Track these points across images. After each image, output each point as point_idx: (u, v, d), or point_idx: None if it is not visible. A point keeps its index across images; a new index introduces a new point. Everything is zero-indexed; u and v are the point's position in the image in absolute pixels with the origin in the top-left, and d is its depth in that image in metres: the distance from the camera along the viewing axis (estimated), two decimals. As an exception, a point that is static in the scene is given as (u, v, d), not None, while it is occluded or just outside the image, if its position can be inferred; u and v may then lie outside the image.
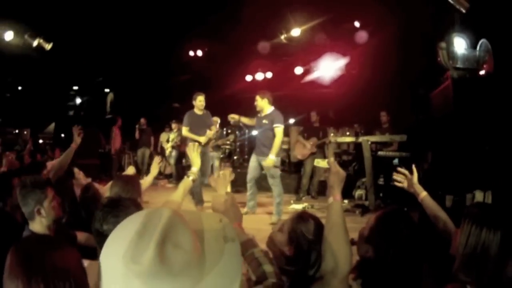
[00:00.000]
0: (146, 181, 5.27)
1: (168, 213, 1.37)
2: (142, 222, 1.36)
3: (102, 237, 2.46)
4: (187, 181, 3.83)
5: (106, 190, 4.72)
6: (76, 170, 5.38)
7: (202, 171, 9.71)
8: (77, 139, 5.23)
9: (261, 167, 9.31)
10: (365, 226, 2.63)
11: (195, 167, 3.94)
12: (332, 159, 2.84)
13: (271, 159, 8.84)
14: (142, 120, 17.22)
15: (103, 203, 2.68)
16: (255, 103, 9.35)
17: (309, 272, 2.54)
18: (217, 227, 1.49)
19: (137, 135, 17.20)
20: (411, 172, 3.53)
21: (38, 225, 3.49)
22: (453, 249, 2.65)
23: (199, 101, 10.33)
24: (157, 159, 5.37)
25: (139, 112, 17.81)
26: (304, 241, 2.58)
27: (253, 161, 9.43)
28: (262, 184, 10.29)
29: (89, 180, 5.27)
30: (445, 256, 2.45)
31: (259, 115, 9.43)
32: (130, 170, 5.27)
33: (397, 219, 2.44)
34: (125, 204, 2.58)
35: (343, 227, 2.42)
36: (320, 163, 3.26)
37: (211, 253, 1.38)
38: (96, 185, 4.82)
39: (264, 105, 9.29)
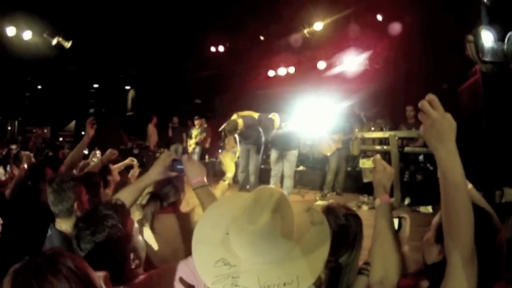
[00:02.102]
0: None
1: (279, 192, 1.76)
2: (255, 195, 1.74)
3: (81, 254, 2.24)
4: (223, 185, 3.85)
5: None
6: (112, 166, 5.37)
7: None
8: (90, 132, 5.14)
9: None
10: (430, 228, 2.43)
11: (230, 173, 3.95)
12: (378, 156, 2.65)
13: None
14: (175, 119, 17.60)
15: (77, 218, 2.49)
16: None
17: (341, 260, 2.48)
18: (303, 213, 1.90)
19: (170, 132, 17.59)
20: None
21: (70, 223, 3.34)
22: (499, 247, 2.53)
23: None
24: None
25: (161, 108, 17.89)
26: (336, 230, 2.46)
27: (276, 156, 9.79)
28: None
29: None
30: (491, 252, 2.32)
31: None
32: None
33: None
34: (103, 217, 2.27)
35: (391, 233, 2.26)
36: (366, 163, 3.09)
37: (299, 231, 1.78)
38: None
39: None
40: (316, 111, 9.76)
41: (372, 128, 13.35)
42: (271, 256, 1.66)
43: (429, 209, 8.88)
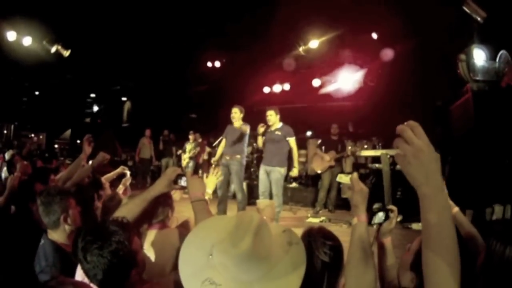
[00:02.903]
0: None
1: (258, 217, 1.90)
2: (236, 221, 1.89)
3: (86, 266, 2.34)
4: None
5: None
6: (104, 180, 5.39)
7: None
8: (87, 149, 5.19)
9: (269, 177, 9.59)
10: (406, 253, 2.42)
11: (209, 189, 3.97)
12: (355, 174, 2.65)
13: (296, 169, 9.79)
14: (165, 132, 17.75)
15: (84, 231, 2.55)
16: (268, 117, 9.53)
17: None
18: (281, 234, 2.04)
19: (160, 145, 17.70)
20: None
21: (60, 233, 3.47)
22: (478, 268, 2.56)
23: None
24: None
25: (156, 121, 17.95)
26: (318, 261, 2.48)
27: (262, 173, 9.63)
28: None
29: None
30: (473, 274, 2.34)
31: (272, 129, 9.56)
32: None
33: None
34: (111, 233, 2.36)
35: (367, 251, 2.25)
36: (343, 178, 3.13)
37: (277, 252, 1.91)
38: (121, 194, 4.84)
39: (276, 120, 9.54)
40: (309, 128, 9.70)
41: (366, 146, 13.43)
42: (253, 275, 1.78)
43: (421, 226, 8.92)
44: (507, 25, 8.11)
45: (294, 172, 9.84)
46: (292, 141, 9.53)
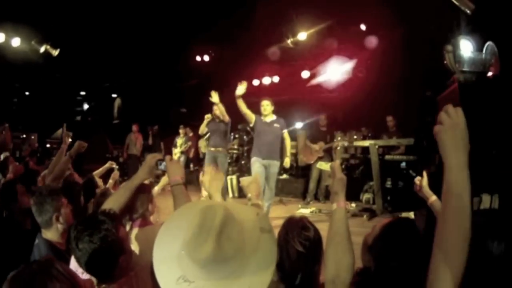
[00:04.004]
0: (153, 191, 5.31)
1: (222, 211, 1.79)
2: (199, 218, 1.78)
3: (78, 253, 2.51)
4: (164, 180, 3.95)
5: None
6: (97, 177, 5.44)
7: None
8: (67, 140, 5.24)
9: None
10: (370, 233, 2.51)
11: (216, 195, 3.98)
12: (337, 162, 2.75)
13: (288, 159, 9.90)
14: (156, 127, 17.85)
15: (76, 221, 2.68)
16: (265, 106, 9.46)
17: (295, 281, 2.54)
18: (254, 219, 1.94)
19: (150, 140, 17.77)
20: (421, 176, 3.53)
21: (53, 232, 3.56)
22: None
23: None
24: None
25: (146, 117, 17.92)
26: (293, 251, 2.56)
27: (259, 166, 9.22)
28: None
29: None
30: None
31: (267, 119, 9.45)
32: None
33: (402, 231, 2.28)
34: (100, 222, 2.55)
35: (346, 235, 2.35)
36: (323, 165, 3.22)
37: (249, 241, 1.81)
38: (112, 190, 4.88)
39: (271, 110, 9.47)
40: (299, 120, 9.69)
41: (355, 136, 13.51)
42: (223, 273, 1.73)
43: (411, 215, 9.01)
44: (494, 16, 8.19)
45: (287, 162, 9.87)
46: (286, 133, 9.60)
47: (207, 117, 10.36)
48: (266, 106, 9.44)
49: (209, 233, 1.70)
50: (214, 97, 10.23)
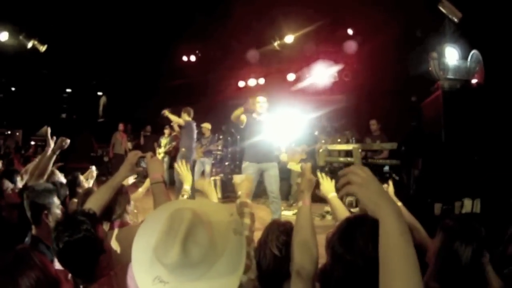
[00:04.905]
0: (138, 193, 5.34)
1: (189, 215, 1.76)
2: (167, 223, 1.77)
3: (59, 253, 2.59)
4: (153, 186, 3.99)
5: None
6: (81, 176, 5.46)
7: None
8: (51, 142, 5.24)
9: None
10: (332, 231, 2.61)
11: (187, 185, 4.05)
12: (308, 164, 2.88)
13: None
14: (148, 127, 17.98)
15: (56, 223, 2.74)
16: (261, 104, 8.61)
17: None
18: (228, 220, 1.92)
19: (141, 140, 17.82)
20: (402, 181, 3.65)
21: (43, 230, 3.61)
22: (428, 258, 2.74)
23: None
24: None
25: (131, 116, 17.91)
26: (269, 253, 2.67)
27: (253, 172, 8.23)
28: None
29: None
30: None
31: (261, 118, 8.58)
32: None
33: (357, 227, 2.16)
34: (79, 222, 2.61)
35: (310, 230, 2.50)
36: (294, 166, 3.37)
37: (220, 242, 1.79)
38: (94, 188, 4.90)
39: (266, 108, 8.66)
40: (283, 122, 8.89)
41: (339, 140, 13.57)
42: (194, 275, 1.74)
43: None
44: (480, 24, 8.32)
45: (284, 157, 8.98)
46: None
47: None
48: (263, 103, 8.59)
49: (175, 239, 1.70)
50: (167, 113, 10.64)
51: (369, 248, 2.03)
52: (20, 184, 5.30)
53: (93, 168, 6.37)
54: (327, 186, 3.70)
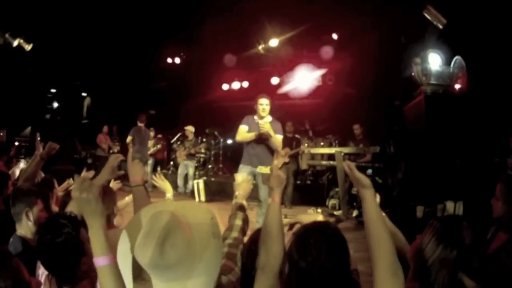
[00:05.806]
0: (124, 202, 5.34)
1: (167, 218, 1.78)
2: (147, 224, 1.80)
3: (41, 256, 2.70)
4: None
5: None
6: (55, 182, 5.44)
7: None
8: (40, 147, 5.22)
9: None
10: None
11: (169, 193, 4.10)
12: (275, 162, 2.96)
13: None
14: None
15: (38, 226, 2.85)
16: (264, 106, 8.04)
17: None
18: (208, 223, 1.91)
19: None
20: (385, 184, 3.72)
21: (26, 229, 3.62)
22: (410, 257, 2.81)
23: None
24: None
25: (115, 117, 17.84)
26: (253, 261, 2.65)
27: (248, 174, 7.16)
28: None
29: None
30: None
31: (262, 121, 7.96)
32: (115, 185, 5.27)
33: (312, 235, 2.28)
34: (61, 225, 2.66)
35: (277, 227, 2.53)
36: (263, 169, 3.40)
37: (200, 246, 1.81)
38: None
39: (269, 111, 8.14)
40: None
41: (322, 143, 13.65)
42: (172, 276, 1.77)
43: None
44: (463, 31, 8.43)
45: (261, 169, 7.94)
46: (280, 140, 7.83)
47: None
48: (266, 106, 8.02)
49: (152, 240, 1.71)
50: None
51: (322, 257, 2.11)
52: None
53: (75, 177, 6.32)
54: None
